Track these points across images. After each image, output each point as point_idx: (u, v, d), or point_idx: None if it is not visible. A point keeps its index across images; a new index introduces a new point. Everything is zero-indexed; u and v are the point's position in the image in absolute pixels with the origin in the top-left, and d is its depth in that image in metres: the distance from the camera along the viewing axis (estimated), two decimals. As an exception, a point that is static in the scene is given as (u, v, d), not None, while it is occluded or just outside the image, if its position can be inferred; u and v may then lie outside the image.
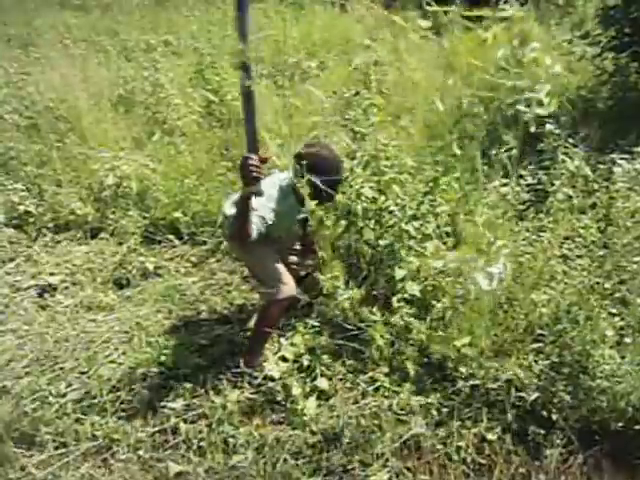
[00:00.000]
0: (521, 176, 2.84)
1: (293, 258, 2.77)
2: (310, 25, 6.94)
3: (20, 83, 4.78)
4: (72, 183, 3.94)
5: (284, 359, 2.46)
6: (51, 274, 3.24)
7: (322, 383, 2.30)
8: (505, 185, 2.81)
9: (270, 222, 2.32)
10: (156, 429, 2.20)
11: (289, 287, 2.36)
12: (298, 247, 2.81)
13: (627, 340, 2.14)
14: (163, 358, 2.49)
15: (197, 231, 3.56)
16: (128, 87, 5.09)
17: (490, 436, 2.07)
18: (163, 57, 5.62)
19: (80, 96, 4.66)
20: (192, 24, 7.22)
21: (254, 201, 2.14)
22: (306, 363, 2.38)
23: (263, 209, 2.28)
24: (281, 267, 2.42)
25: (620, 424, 2.05)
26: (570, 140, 2.87)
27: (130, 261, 3.25)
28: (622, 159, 2.77)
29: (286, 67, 5.80)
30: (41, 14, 8.10)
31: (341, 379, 2.38)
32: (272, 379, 2.35)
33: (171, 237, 3.54)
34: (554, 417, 2.09)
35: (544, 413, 2.11)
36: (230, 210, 2.39)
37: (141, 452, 2.10)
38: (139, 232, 3.53)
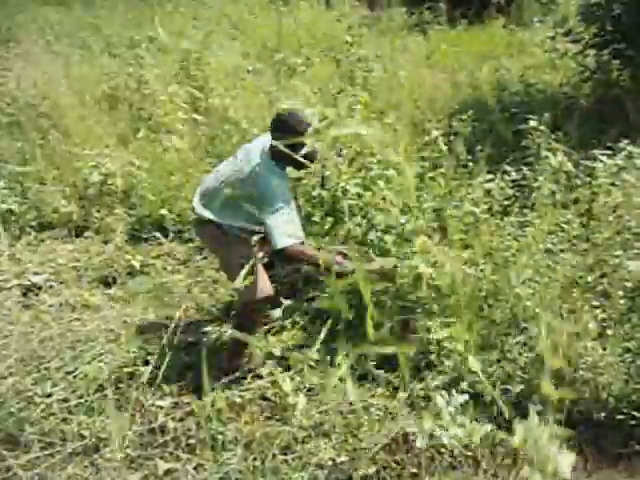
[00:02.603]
0: (505, 172, 2.87)
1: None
2: (295, 21, 6.92)
3: (1, 79, 4.71)
4: (56, 181, 3.88)
5: (272, 356, 2.47)
6: (35, 273, 3.20)
7: (310, 379, 2.31)
8: (490, 181, 2.84)
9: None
10: (144, 428, 2.19)
11: (265, 287, 2.33)
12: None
13: (609, 332, 2.18)
14: (150, 356, 2.48)
15: (184, 228, 3.55)
16: (112, 83, 5.03)
17: (476, 428, 2.10)
18: (147, 53, 5.57)
19: (63, 93, 4.60)
20: (177, 20, 7.17)
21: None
22: (294, 359, 2.39)
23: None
24: (258, 267, 2.38)
25: (602, 414, 2.09)
26: (553, 136, 2.90)
27: (116, 259, 3.23)
28: (604, 155, 2.82)
29: (272, 63, 5.79)
30: (22, 9, 7.96)
31: (329, 375, 2.39)
32: (260, 376, 2.36)
33: (157, 235, 3.52)
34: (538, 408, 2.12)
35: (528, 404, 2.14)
36: (205, 212, 2.35)
37: (129, 451, 2.09)
38: (125, 230, 3.51)
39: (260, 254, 2.67)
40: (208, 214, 2.34)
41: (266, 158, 2.30)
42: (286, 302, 2.42)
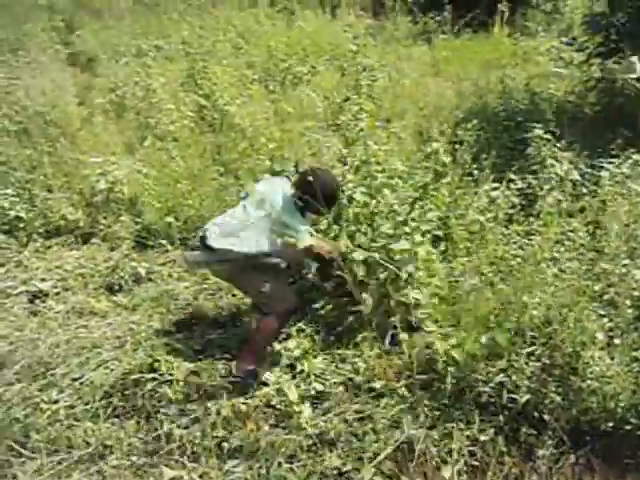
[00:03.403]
0: (511, 180, 2.88)
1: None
2: (301, 31, 6.97)
3: (10, 88, 4.76)
4: (63, 188, 3.92)
5: (278, 364, 2.47)
6: (42, 280, 3.22)
7: (316, 387, 2.31)
8: (495, 189, 2.85)
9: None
10: (150, 435, 2.19)
11: (291, 299, 2.45)
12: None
13: (616, 341, 2.16)
14: (156, 363, 2.48)
15: (189, 236, 3.56)
16: (119, 92, 5.08)
17: (483, 437, 2.09)
18: (154, 62, 5.62)
19: (71, 101, 4.65)
20: (183, 29, 7.23)
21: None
22: (300, 368, 2.39)
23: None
24: (281, 282, 2.47)
25: (610, 424, 2.08)
26: (558, 145, 2.91)
27: (122, 266, 3.24)
28: (609, 163, 2.82)
29: (277, 72, 5.83)
30: (31, 18, 8.05)
31: (335, 383, 2.38)
32: (266, 384, 2.36)
33: (163, 242, 3.54)
34: (546, 418, 2.11)
35: (536, 414, 2.13)
36: (220, 243, 2.40)
37: (134, 458, 2.09)
38: (131, 237, 3.52)
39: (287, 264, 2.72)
40: (233, 246, 2.39)
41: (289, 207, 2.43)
42: None
